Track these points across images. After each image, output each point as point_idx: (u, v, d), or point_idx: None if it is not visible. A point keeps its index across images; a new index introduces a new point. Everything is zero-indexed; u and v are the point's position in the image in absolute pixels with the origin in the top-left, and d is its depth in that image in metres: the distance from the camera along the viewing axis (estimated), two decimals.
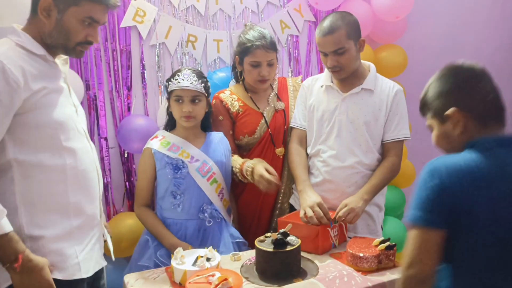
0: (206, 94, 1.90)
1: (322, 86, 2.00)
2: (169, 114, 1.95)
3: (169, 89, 1.87)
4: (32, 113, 1.29)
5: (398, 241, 2.53)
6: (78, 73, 2.22)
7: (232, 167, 1.99)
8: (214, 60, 2.53)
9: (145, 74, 2.39)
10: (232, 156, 2.02)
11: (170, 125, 1.97)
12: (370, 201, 1.87)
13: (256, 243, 1.60)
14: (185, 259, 1.56)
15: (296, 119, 2.06)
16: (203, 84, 1.87)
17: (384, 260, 1.60)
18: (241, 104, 2.08)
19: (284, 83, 2.21)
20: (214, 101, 2.08)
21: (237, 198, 2.13)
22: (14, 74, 1.24)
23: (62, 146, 1.35)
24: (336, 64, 1.87)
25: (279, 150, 2.08)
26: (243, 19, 2.57)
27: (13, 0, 1.72)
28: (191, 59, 2.48)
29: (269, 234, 1.65)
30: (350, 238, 1.84)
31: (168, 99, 1.91)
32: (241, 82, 2.15)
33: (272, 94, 2.15)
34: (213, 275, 1.43)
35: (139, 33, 2.35)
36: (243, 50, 2.01)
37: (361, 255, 1.57)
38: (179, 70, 1.89)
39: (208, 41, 2.49)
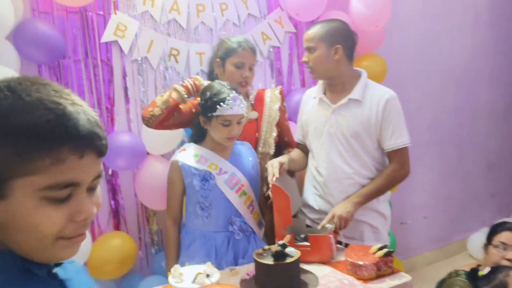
0: None
1: (315, 98, 2.02)
2: (198, 127, 1.93)
3: (216, 113, 1.80)
4: None
5: None
6: None
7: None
8: (197, 73, 2.49)
9: (128, 90, 2.34)
10: None
11: (198, 137, 1.95)
12: (363, 204, 1.87)
13: (255, 256, 1.57)
14: (183, 277, 1.52)
15: (296, 134, 2.16)
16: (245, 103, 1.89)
17: (383, 267, 1.60)
18: None
19: (262, 94, 2.23)
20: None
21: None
22: None
23: None
24: (307, 60, 1.93)
25: None
26: (225, 32, 2.56)
27: None
28: (174, 72, 2.45)
29: (267, 246, 1.62)
30: (340, 245, 1.85)
31: (209, 117, 1.84)
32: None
33: (248, 104, 2.15)
34: None
35: (121, 48, 2.30)
36: (228, 51, 2.08)
37: (361, 263, 1.57)
38: (222, 92, 1.82)
39: (190, 55, 2.46)
